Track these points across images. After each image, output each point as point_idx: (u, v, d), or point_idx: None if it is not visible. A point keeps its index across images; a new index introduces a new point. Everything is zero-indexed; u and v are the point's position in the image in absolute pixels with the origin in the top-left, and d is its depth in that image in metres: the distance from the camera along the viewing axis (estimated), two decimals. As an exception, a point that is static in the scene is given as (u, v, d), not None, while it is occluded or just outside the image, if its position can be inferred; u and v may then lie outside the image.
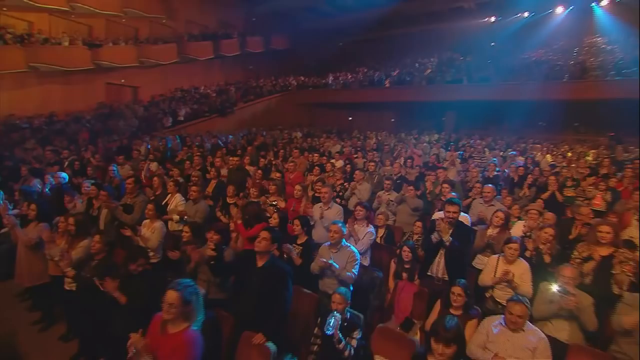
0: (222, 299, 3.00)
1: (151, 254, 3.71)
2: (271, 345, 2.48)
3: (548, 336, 2.46)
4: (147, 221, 3.88)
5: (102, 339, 3.16)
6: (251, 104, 16.37)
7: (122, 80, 15.73)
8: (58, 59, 12.80)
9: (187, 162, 6.96)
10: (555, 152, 10.09)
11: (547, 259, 3.20)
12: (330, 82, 17.92)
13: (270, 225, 3.48)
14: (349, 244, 3.21)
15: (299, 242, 3.43)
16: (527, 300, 2.52)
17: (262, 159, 7.23)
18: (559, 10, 16.92)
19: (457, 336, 1.86)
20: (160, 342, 1.85)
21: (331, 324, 2.42)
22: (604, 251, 3.09)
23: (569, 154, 9.79)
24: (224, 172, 5.97)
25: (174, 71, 17.01)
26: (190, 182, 5.36)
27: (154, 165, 6.57)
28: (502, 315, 2.55)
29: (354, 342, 2.55)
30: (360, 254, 3.36)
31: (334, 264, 2.98)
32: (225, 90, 16.98)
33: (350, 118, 18.08)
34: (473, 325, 2.71)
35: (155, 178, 5.01)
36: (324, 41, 19.45)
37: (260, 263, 2.65)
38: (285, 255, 3.30)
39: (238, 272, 2.76)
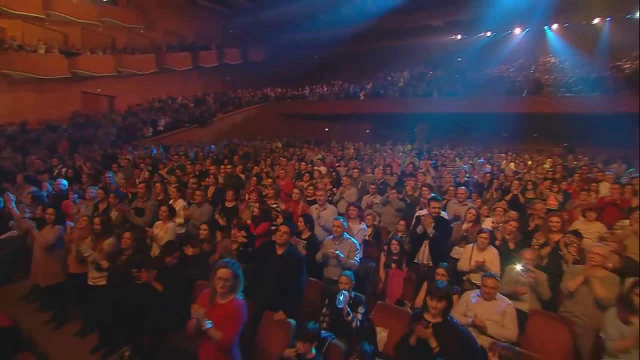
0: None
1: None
2: (291, 321, 2.95)
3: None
4: (159, 222, 4.24)
5: (126, 329, 3.50)
6: (230, 115, 16.71)
7: (99, 90, 15.65)
8: (33, 66, 12.68)
9: (178, 170, 7.27)
10: (517, 160, 11.15)
11: (511, 246, 3.88)
12: (307, 94, 18.62)
13: (277, 224, 3.95)
14: (350, 237, 3.75)
15: (303, 237, 3.92)
16: (498, 275, 3.15)
17: (255, 167, 7.65)
18: (517, 31, 18.60)
19: (446, 294, 2.42)
20: (211, 313, 2.28)
21: (341, 300, 2.92)
22: (555, 237, 3.81)
23: (529, 162, 10.88)
24: (220, 179, 6.36)
25: (151, 81, 17.07)
26: (189, 188, 5.74)
27: (147, 173, 6.86)
28: (478, 290, 3.16)
29: (359, 316, 3.07)
30: (356, 247, 3.91)
31: (340, 254, 3.51)
32: (203, 100, 17.23)
33: (327, 129, 18.77)
34: (455, 299, 3.30)
35: (157, 184, 5.34)
36: (300, 54, 20.14)
37: (280, 252, 3.14)
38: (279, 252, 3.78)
39: (260, 260, 3.21)
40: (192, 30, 19.08)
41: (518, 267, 3.42)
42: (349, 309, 2.97)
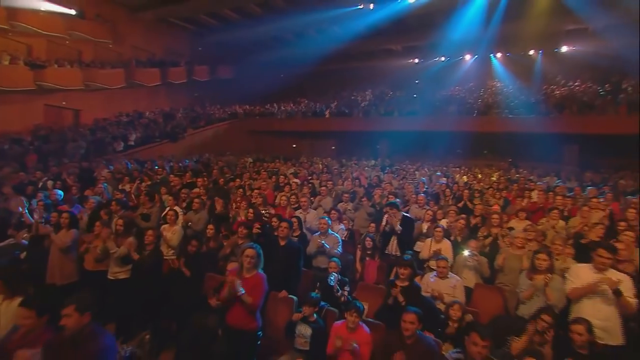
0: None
1: (171, 251, 4.75)
2: (294, 297, 3.76)
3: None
4: (166, 225, 4.87)
5: (147, 315, 4.10)
6: (200, 131, 17.18)
7: (63, 103, 15.58)
8: (-4, 77, 12.58)
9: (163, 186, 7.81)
10: (469, 174, 12.69)
11: (459, 239, 4.94)
12: (275, 111, 19.57)
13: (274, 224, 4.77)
14: (333, 232, 4.63)
15: (294, 234, 4.75)
16: (448, 258, 4.17)
17: (237, 180, 8.35)
18: (467, 57, 20.82)
19: (411, 264, 3.37)
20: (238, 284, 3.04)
21: (332, 279, 3.78)
22: (495, 230, 4.93)
23: (479, 175, 12.45)
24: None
25: (118, 95, 17.18)
26: (180, 198, 6.37)
27: (143, 185, 7.36)
28: (435, 272, 4.14)
29: (346, 293, 3.93)
30: (337, 243, 4.80)
31: (326, 245, 4.38)
32: (172, 116, 17.60)
33: (294, 145, 19.74)
34: (418, 280, 4.26)
35: (155, 194, 5.94)
36: (267, 72, 21.14)
37: (282, 243, 3.96)
38: (281, 243, 4.59)
39: (265, 250, 3.99)
40: (161, 46, 19.46)
41: (466, 253, 4.48)
42: (338, 287, 3.83)
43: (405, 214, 5.15)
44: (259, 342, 3.29)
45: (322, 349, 3.18)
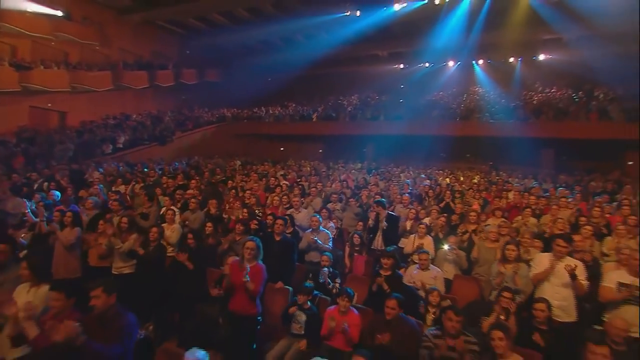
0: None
1: (170, 248, 5.04)
2: (289, 287, 4.11)
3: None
4: (165, 224, 5.17)
5: (151, 307, 4.39)
6: (189, 134, 17.35)
7: (49, 105, 15.56)
8: (-20, 78, 12.56)
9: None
10: (452, 176, 13.28)
11: (441, 235, 5.38)
12: (263, 115, 19.88)
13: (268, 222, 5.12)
14: (324, 229, 5.01)
15: (287, 231, 5.10)
16: (430, 252, 4.60)
17: (229, 182, 8.65)
18: (451, 63, 21.56)
19: (392, 254, 3.78)
20: (241, 274, 3.38)
21: (321, 276, 4.16)
22: (472, 227, 5.40)
23: (461, 178, 13.02)
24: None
25: (104, 97, 17.20)
26: (175, 198, 6.65)
27: (137, 187, 7.59)
28: (418, 265, 4.56)
29: (337, 285, 4.31)
30: (328, 239, 5.18)
31: (318, 240, 4.76)
32: (160, 118, 17.71)
33: (282, 148, 20.07)
34: (402, 272, 4.68)
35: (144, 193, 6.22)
36: (255, 76, 21.44)
37: (277, 238, 4.32)
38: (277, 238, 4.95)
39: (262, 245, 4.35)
40: (148, 49, 19.56)
41: (446, 247, 4.93)
42: (329, 280, 4.21)
43: (390, 212, 5.58)
44: (258, 327, 3.64)
45: (316, 332, 3.54)
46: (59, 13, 16.15)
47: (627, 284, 3.25)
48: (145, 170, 11.28)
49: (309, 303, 3.73)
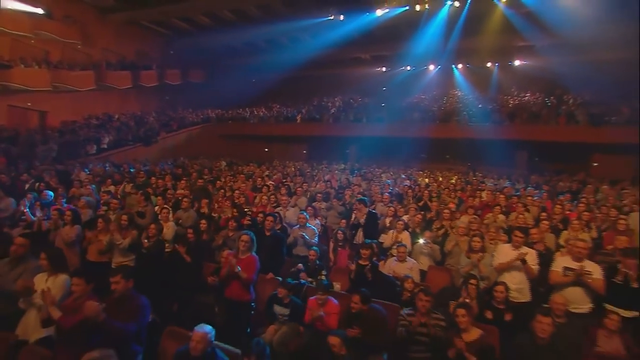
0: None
1: (166, 244, 5.38)
2: (279, 278, 4.53)
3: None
4: (161, 222, 5.50)
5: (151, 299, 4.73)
6: (173, 135, 17.49)
7: (28, 104, 15.44)
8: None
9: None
10: (431, 177, 13.95)
11: (417, 230, 5.91)
12: (248, 116, 20.20)
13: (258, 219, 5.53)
14: (311, 225, 5.46)
15: (277, 227, 5.53)
16: (407, 246, 5.11)
17: (218, 182, 8.99)
18: (431, 67, 22.35)
19: (370, 246, 4.27)
20: (237, 264, 3.78)
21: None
22: (446, 223, 5.95)
23: (440, 178, 13.69)
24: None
25: (86, 97, 17.12)
26: (167, 198, 6.97)
27: (128, 187, 7.85)
28: (396, 257, 5.06)
29: (323, 277, 4.76)
30: (314, 235, 5.64)
31: (306, 236, 5.20)
32: (144, 119, 17.79)
33: (266, 149, 20.42)
34: (382, 264, 5.17)
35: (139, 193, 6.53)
36: (239, 77, 21.71)
37: (267, 234, 4.74)
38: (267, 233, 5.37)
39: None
40: (132, 49, 19.56)
41: (421, 241, 5.46)
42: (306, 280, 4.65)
43: (371, 210, 6.08)
44: (252, 312, 4.05)
45: (301, 320, 3.95)
46: (40, 11, 16.07)
47: (571, 268, 3.82)
48: (132, 170, 11.49)
49: (289, 297, 4.08)
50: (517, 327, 3.52)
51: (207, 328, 2.76)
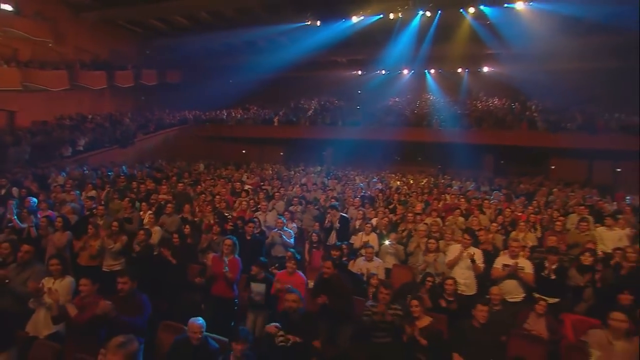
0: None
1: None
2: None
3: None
4: (147, 227, 5.94)
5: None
6: (150, 136, 17.59)
7: (-5, 103, 15.22)
8: None
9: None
10: (403, 179, 14.81)
11: (384, 232, 6.61)
12: (225, 117, 20.51)
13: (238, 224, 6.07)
14: (287, 229, 6.05)
15: (256, 231, 6.09)
16: (374, 247, 5.79)
17: (198, 187, 9.42)
18: (405, 71, 23.29)
19: (341, 247, 4.92)
20: (221, 265, 4.33)
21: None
22: (410, 226, 6.68)
23: (411, 181, 14.57)
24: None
25: (59, 97, 16.90)
26: (150, 204, 7.38)
27: (111, 193, 8.17)
28: (364, 256, 5.72)
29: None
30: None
31: (284, 236, 5.79)
32: (120, 120, 17.81)
33: (244, 151, 20.80)
34: (351, 264, 5.82)
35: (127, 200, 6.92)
36: (217, 78, 21.91)
37: (248, 237, 5.29)
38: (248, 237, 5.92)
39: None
40: (106, 48, 19.42)
41: (387, 242, 6.15)
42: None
43: (343, 214, 6.73)
44: (236, 308, 4.61)
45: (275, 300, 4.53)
46: (9, 8, 15.82)
47: (508, 265, 4.58)
48: (110, 174, 11.71)
49: (263, 273, 4.65)
50: (463, 315, 4.24)
51: (200, 320, 3.29)
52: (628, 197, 9.44)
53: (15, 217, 5.78)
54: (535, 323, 4.12)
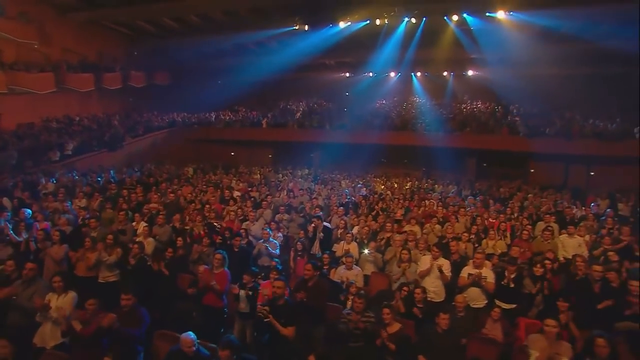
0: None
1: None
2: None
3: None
4: (140, 238, 6.34)
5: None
6: (139, 140, 17.77)
7: (-21, 106, 15.26)
8: None
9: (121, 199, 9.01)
10: (387, 183, 15.39)
11: (365, 240, 7.11)
12: (213, 120, 20.80)
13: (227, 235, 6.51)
14: (273, 240, 6.52)
15: (243, 242, 6.54)
16: (354, 255, 6.29)
17: (188, 195, 9.80)
18: (392, 74, 23.82)
19: (322, 258, 5.40)
20: (211, 278, 4.78)
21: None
22: (388, 234, 7.20)
23: (395, 185, 15.15)
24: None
25: (45, 99, 16.82)
26: (142, 213, 7.76)
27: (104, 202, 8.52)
28: (345, 265, 6.22)
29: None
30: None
31: (269, 247, 6.26)
32: (108, 122, 17.96)
33: (232, 153, 21.12)
34: (333, 272, 6.31)
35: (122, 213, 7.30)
36: (205, 80, 22.16)
37: (235, 250, 5.74)
38: (235, 249, 6.37)
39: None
40: (93, 49, 19.45)
41: (366, 251, 6.67)
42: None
43: (326, 224, 7.23)
44: (225, 316, 5.07)
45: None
46: (-9, 9, 15.82)
47: (472, 274, 5.13)
48: (99, 179, 11.99)
49: (252, 283, 5.12)
50: (432, 320, 4.77)
51: (192, 334, 3.71)
52: (592, 204, 10.10)
53: (12, 231, 6.09)
54: (492, 327, 4.68)
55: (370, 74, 23.92)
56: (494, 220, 8.45)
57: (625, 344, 4.07)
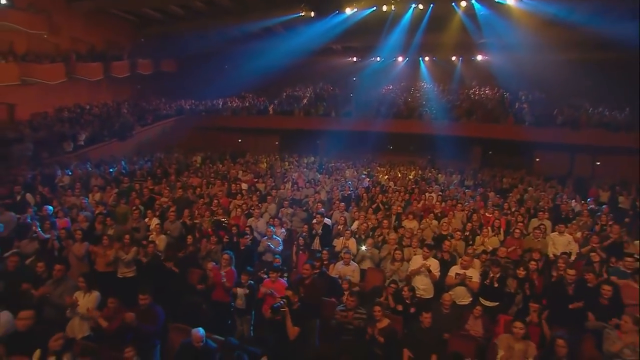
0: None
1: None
2: (251, 282, 6.13)
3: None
4: (153, 234, 6.92)
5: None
6: (148, 128, 18.33)
7: (-5, 97, 15.85)
8: None
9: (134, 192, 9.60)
10: (391, 173, 15.77)
11: (363, 237, 7.60)
12: (220, 107, 21.21)
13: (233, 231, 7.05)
14: (276, 237, 7.06)
15: (249, 239, 7.08)
16: (350, 251, 6.80)
17: (197, 189, 10.35)
18: (400, 59, 23.77)
19: (321, 257, 5.92)
20: (220, 275, 5.34)
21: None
22: (385, 231, 7.68)
23: (399, 174, 15.51)
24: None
25: (56, 88, 17.36)
26: (154, 209, 8.34)
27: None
28: (342, 260, 6.73)
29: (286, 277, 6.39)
30: (279, 242, 7.25)
31: (271, 245, 6.80)
32: (117, 111, 18.50)
33: (240, 140, 21.61)
34: (331, 268, 6.84)
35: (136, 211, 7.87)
36: (212, 66, 22.42)
37: (242, 247, 6.29)
38: (242, 247, 6.92)
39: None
40: (101, 37, 19.84)
41: (363, 248, 7.17)
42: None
43: (326, 221, 7.75)
44: (232, 309, 5.66)
45: (254, 301, 5.59)
46: (2, 1, 16.20)
47: (459, 274, 5.61)
48: (111, 171, 12.59)
49: (248, 282, 5.69)
50: (417, 317, 5.29)
51: (201, 331, 4.27)
52: (589, 199, 10.40)
53: (40, 229, 6.71)
54: (474, 324, 5.18)
55: (378, 59, 23.91)
56: (490, 216, 8.87)
57: (592, 342, 4.55)
